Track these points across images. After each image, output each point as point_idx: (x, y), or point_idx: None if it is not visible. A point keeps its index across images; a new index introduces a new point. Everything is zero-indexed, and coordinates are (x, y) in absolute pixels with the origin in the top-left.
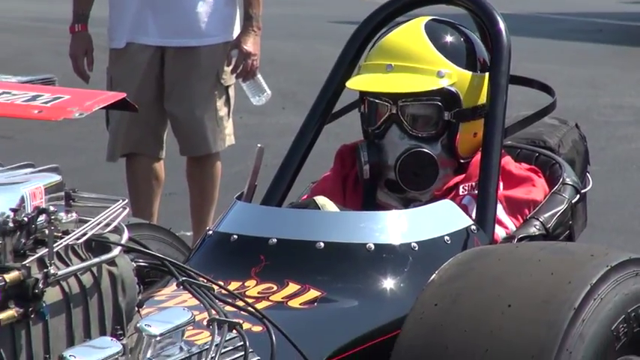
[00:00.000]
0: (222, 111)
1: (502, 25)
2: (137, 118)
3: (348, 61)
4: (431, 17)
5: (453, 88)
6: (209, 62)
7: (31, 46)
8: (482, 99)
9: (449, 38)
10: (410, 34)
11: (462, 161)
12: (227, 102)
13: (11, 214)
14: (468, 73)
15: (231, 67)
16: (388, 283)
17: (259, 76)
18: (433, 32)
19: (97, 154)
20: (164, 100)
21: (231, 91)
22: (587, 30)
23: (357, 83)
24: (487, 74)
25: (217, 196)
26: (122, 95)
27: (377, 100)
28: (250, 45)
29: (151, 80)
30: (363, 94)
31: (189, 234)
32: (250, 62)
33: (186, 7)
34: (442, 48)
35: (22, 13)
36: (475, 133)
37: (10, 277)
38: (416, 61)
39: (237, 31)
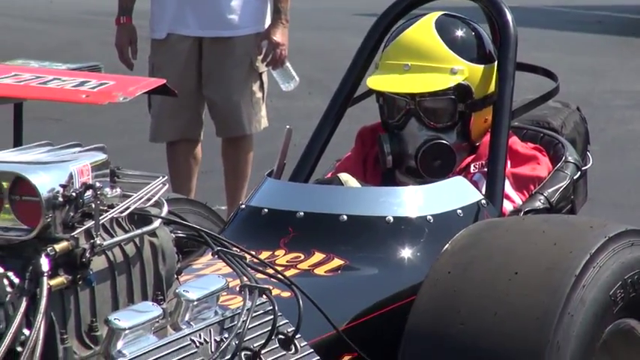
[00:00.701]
0: (257, 95)
1: (509, 17)
2: (178, 104)
3: (368, 51)
4: (441, 13)
5: (465, 83)
6: (243, 51)
7: (80, 37)
8: (492, 88)
9: (459, 34)
10: (423, 32)
11: (475, 144)
12: (261, 87)
13: (61, 190)
14: (478, 67)
15: (262, 56)
16: (406, 253)
17: (288, 64)
18: (444, 29)
19: (139, 135)
20: (202, 86)
21: (265, 78)
22: (588, 22)
23: (378, 83)
24: (495, 64)
25: (249, 174)
26: (162, 81)
27: (396, 97)
28: (279, 36)
29: (190, 68)
30: (383, 93)
31: (223, 208)
32: (279, 52)
33: (221, 1)
34: (453, 45)
35: (72, 6)
36: (486, 119)
37: (59, 247)
38: (430, 61)
39: (267, 22)
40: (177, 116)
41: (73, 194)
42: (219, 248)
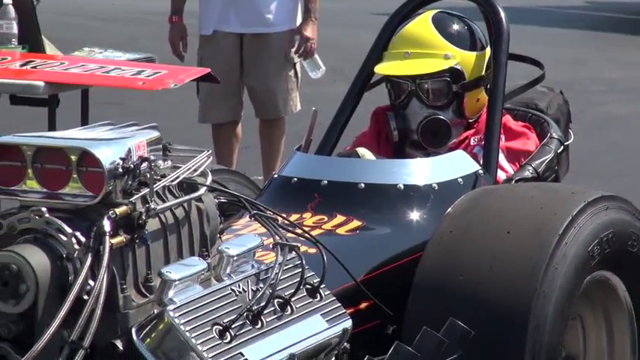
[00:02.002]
0: (291, 83)
1: (502, 15)
2: (223, 90)
3: (382, 46)
4: (437, 10)
5: (457, 67)
6: (278, 45)
7: (138, 34)
8: (482, 72)
9: (452, 26)
10: (421, 26)
11: (469, 121)
12: (295, 76)
13: (120, 162)
14: (470, 54)
15: (294, 49)
16: (414, 215)
17: (317, 56)
18: (439, 23)
19: (187, 117)
20: (243, 75)
21: (298, 67)
22: (571, 19)
23: (383, 69)
24: (486, 51)
25: (282, 149)
26: (207, 70)
27: (399, 80)
28: (309, 31)
29: (233, 60)
30: (389, 77)
31: (260, 178)
32: (309, 45)
33: (260, 2)
34: (446, 35)
35: (131, 7)
36: (478, 98)
37: (119, 210)
38: (427, 48)
39: (298, 20)
40: (222, 101)
41: (131, 166)
42: (255, 212)
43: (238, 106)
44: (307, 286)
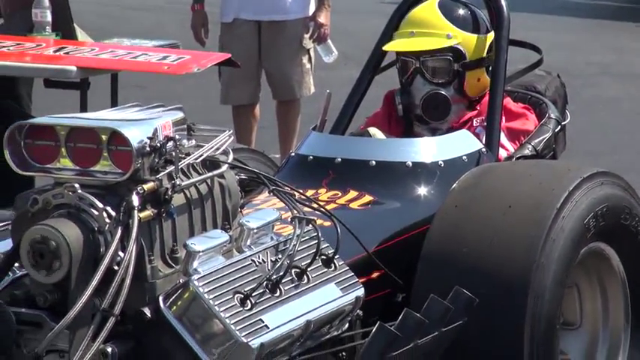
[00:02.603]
0: (305, 67)
1: (503, 2)
2: (243, 74)
3: (391, 30)
4: None
5: (459, 46)
6: (293, 31)
7: (162, 21)
8: (483, 53)
9: (456, 11)
10: (427, 10)
11: (471, 100)
12: (309, 60)
13: (148, 141)
14: (471, 35)
15: (309, 34)
16: (422, 191)
17: (329, 41)
18: (444, 7)
19: (210, 99)
20: (261, 60)
21: (312, 52)
22: (568, 7)
23: (390, 46)
24: (488, 35)
25: (297, 129)
26: (228, 55)
27: (405, 58)
28: (323, 18)
29: (252, 46)
30: (398, 54)
31: (277, 156)
32: (323, 31)
33: None
34: (450, 18)
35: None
36: (479, 78)
37: (147, 186)
38: (430, 28)
39: (311, 9)
40: (242, 84)
41: (158, 144)
42: (273, 187)
43: (257, 88)
44: (322, 256)
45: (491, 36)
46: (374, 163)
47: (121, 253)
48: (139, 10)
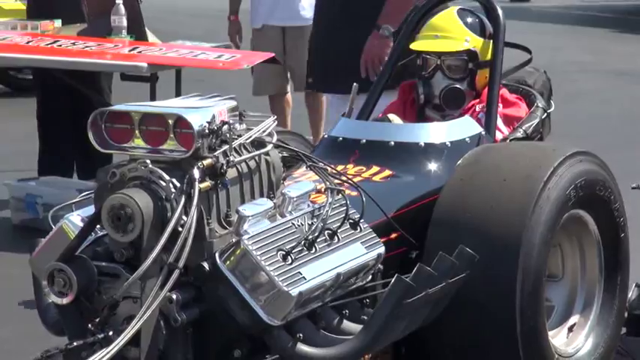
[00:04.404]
0: None
1: (500, 12)
2: (271, 69)
3: (409, 32)
4: (459, 7)
5: (473, 49)
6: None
7: (216, 26)
8: (489, 56)
9: (470, 18)
10: (448, 17)
11: (478, 92)
12: None
13: (206, 125)
14: (483, 40)
15: None
16: (432, 166)
17: None
18: (461, 15)
19: (248, 91)
20: (286, 58)
21: None
22: (552, 15)
23: (418, 45)
24: (492, 40)
25: (324, 115)
26: (272, 55)
27: (428, 56)
28: None
29: (278, 47)
30: (420, 53)
31: (309, 138)
32: None
33: (297, 3)
34: (467, 24)
35: (210, 6)
36: (486, 75)
37: (206, 162)
38: (452, 33)
39: None
40: (270, 78)
41: (215, 128)
42: (310, 163)
43: (284, 81)
44: (350, 220)
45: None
46: (392, 143)
47: (184, 217)
48: (197, 17)
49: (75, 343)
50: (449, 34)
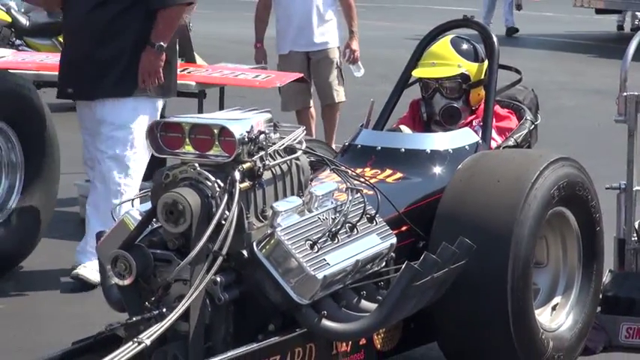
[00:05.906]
0: (340, 81)
1: (494, 39)
2: (298, 87)
3: (415, 58)
4: (454, 35)
5: (466, 72)
6: (331, 57)
7: (254, 52)
8: (482, 76)
9: (463, 46)
10: (443, 46)
11: (473, 108)
12: (340, 77)
13: (246, 134)
14: (474, 64)
15: (345, 58)
16: (437, 170)
17: (359, 62)
18: (455, 43)
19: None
20: (311, 77)
21: (343, 71)
22: (538, 42)
23: (418, 72)
24: (485, 63)
25: (337, 124)
26: (301, 75)
27: (428, 80)
28: (355, 45)
29: (303, 69)
30: (422, 77)
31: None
32: (355, 54)
33: (317, 31)
34: (459, 52)
35: (248, 34)
36: (479, 93)
37: (245, 166)
38: (446, 60)
39: (337, 40)
40: (296, 95)
41: (253, 136)
42: (333, 167)
43: (307, 97)
44: (367, 215)
45: (486, 63)
46: (403, 150)
47: (227, 212)
48: (238, 43)
49: (134, 319)
50: (444, 61)
